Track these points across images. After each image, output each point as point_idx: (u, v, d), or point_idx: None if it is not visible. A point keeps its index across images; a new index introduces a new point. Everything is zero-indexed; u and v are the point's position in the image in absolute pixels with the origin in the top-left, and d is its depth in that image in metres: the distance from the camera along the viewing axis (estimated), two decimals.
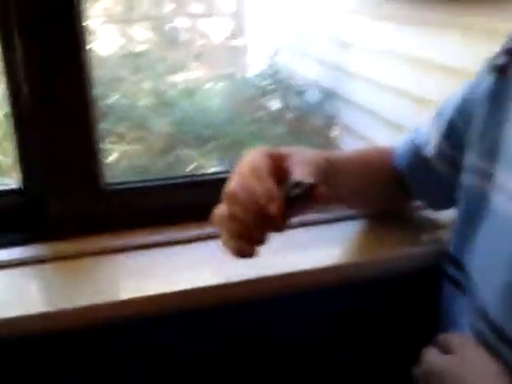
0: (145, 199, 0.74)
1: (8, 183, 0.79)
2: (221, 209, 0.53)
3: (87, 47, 0.67)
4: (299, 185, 0.52)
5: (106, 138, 2.34)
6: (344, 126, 2.60)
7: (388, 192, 0.75)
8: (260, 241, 0.52)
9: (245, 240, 0.52)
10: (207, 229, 0.72)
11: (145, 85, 2.62)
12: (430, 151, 0.68)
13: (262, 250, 0.52)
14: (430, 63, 1.74)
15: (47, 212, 0.71)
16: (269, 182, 0.52)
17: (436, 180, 0.69)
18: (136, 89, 2.60)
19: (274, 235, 0.52)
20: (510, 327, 0.51)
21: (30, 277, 0.65)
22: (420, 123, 0.73)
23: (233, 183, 0.53)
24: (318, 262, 0.68)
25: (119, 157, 2.32)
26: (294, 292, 0.67)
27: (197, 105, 2.60)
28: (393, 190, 0.74)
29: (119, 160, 2.35)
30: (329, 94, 2.67)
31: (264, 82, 2.92)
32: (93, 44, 2.70)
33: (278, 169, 0.54)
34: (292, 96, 2.82)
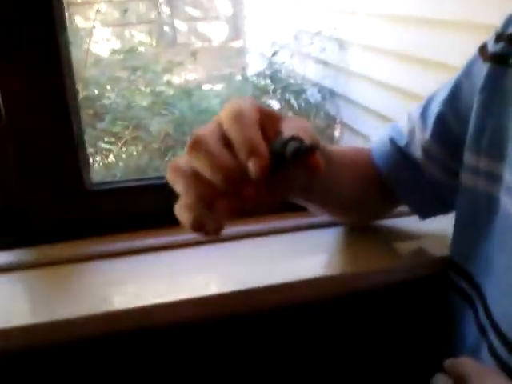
0: (135, 200, 0.69)
1: None
2: (182, 160, 0.40)
3: (64, 31, 0.62)
4: (294, 141, 0.38)
5: (103, 139, 2.31)
6: (345, 126, 2.56)
7: (373, 195, 0.65)
8: (228, 213, 0.38)
9: (204, 207, 0.38)
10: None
11: (142, 85, 2.58)
12: (416, 152, 0.61)
13: (260, 256, 0.46)
14: (433, 61, 1.70)
15: (29, 215, 0.66)
16: (253, 131, 0.39)
17: (425, 183, 0.61)
18: (133, 89, 2.56)
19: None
20: None
21: (12, 285, 0.60)
22: (397, 121, 0.65)
23: (203, 129, 0.40)
24: (317, 272, 0.61)
25: (116, 157, 2.28)
26: (293, 303, 0.61)
27: (195, 105, 2.56)
28: (377, 194, 0.65)
29: (116, 161, 2.31)
30: (329, 94, 2.63)
31: (263, 83, 2.88)
32: (90, 45, 2.67)
33: (268, 128, 0.41)
34: (292, 96, 2.78)
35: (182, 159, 0.40)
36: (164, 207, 0.68)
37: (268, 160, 0.37)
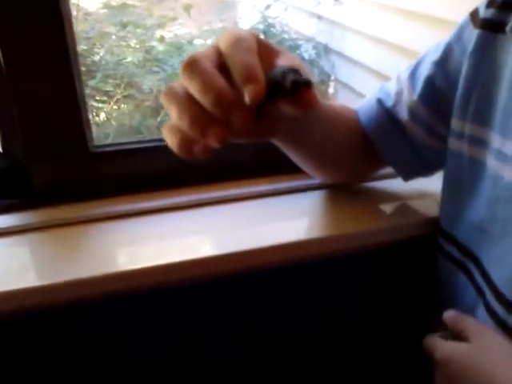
0: (136, 162, 0.68)
1: None
2: (177, 84, 0.40)
3: None
4: (293, 72, 0.38)
5: (94, 97, 2.26)
6: (340, 83, 2.53)
7: (357, 154, 0.65)
8: (218, 140, 0.38)
9: (196, 132, 0.38)
10: (204, 194, 0.67)
11: (132, 40, 2.51)
12: (403, 113, 0.61)
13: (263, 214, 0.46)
14: (433, 18, 1.66)
15: (31, 177, 0.65)
16: (252, 56, 0.38)
17: (410, 144, 0.62)
18: (123, 44, 2.49)
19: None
20: None
21: (18, 247, 0.60)
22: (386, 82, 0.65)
23: (200, 51, 0.40)
24: (308, 234, 0.62)
25: (108, 116, 2.24)
26: (288, 264, 0.62)
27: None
28: (361, 154, 0.65)
29: (108, 120, 2.27)
30: (324, 50, 2.58)
31: None
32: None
33: (264, 59, 0.40)
34: None
35: (178, 83, 0.39)
36: (166, 169, 0.69)
37: (264, 86, 0.37)
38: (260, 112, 0.39)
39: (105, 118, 2.26)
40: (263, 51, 0.41)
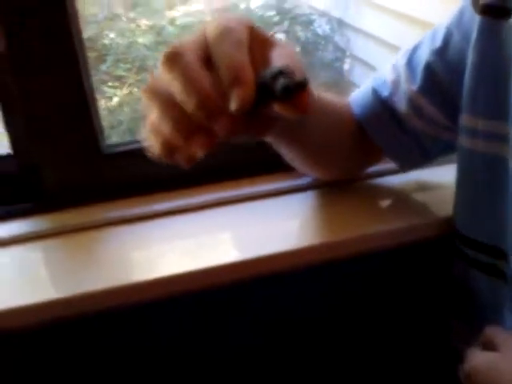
0: (152, 163, 0.66)
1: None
2: (160, 81, 0.35)
3: None
4: (285, 75, 0.33)
5: (106, 83, 2.23)
6: (355, 58, 2.47)
7: (352, 148, 0.62)
8: (204, 148, 0.34)
9: (178, 138, 0.34)
10: (223, 193, 0.65)
11: (142, 22, 2.47)
12: (401, 103, 0.57)
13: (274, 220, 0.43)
14: None
15: (43, 180, 0.63)
16: (241, 53, 0.34)
17: (409, 134, 0.59)
18: (133, 26, 2.45)
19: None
20: None
21: (32, 255, 0.59)
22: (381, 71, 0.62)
23: (183, 40, 0.35)
24: (314, 239, 0.58)
25: (120, 102, 2.22)
26: (302, 269, 0.60)
27: None
28: (357, 146, 0.62)
29: (120, 105, 2.24)
30: (338, 24, 2.51)
31: (268, 13, 2.75)
32: None
33: (256, 51, 0.35)
34: (299, 27, 2.66)
35: (161, 78, 0.34)
36: (181, 170, 0.66)
37: (253, 91, 0.32)
38: (250, 114, 0.34)
39: (117, 104, 2.23)
40: (256, 43, 0.36)
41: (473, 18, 0.51)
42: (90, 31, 2.32)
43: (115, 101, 2.20)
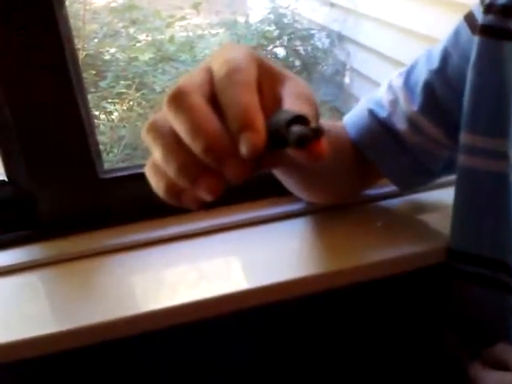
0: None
1: None
2: (163, 118, 0.32)
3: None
4: (302, 122, 0.31)
5: (106, 99, 2.23)
6: (356, 72, 2.46)
7: (349, 170, 0.61)
8: (212, 192, 0.31)
9: (184, 181, 0.32)
10: (226, 218, 0.63)
11: (142, 38, 2.47)
12: (401, 123, 0.57)
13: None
14: (447, 2, 1.60)
15: (39, 207, 0.62)
16: (251, 95, 0.31)
17: (409, 155, 0.58)
18: (133, 43, 2.45)
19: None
20: None
21: (28, 286, 0.57)
22: (373, 91, 0.61)
23: (188, 77, 0.33)
24: (313, 269, 0.57)
25: (121, 118, 2.21)
26: (307, 296, 0.58)
27: (198, 57, 2.46)
28: (354, 169, 0.61)
29: (121, 120, 2.24)
30: (338, 38, 2.51)
31: (268, 28, 2.75)
32: None
33: (265, 88, 0.34)
34: (298, 42, 2.65)
35: (164, 117, 0.32)
36: None
37: (265, 137, 0.30)
38: (258, 162, 0.31)
39: (118, 120, 2.23)
40: (265, 78, 0.34)
41: (470, 39, 0.52)
42: (90, 49, 2.33)
43: (116, 116, 2.19)
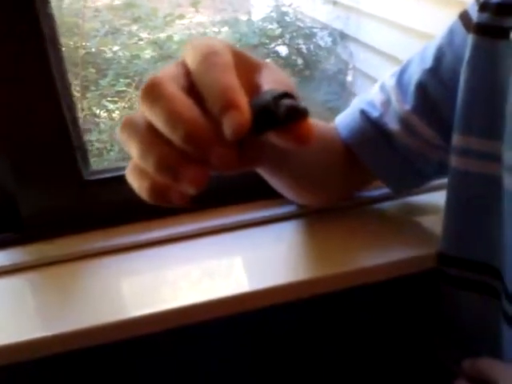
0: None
1: None
2: (138, 114, 0.32)
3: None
4: (288, 98, 0.29)
5: (107, 97, 2.21)
6: (358, 71, 2.44)
7: (341, 172, 0.60)
8: (197, 182, 0.29)
9: (166, 175, 0.30)
10: (214, 220, 0.62)
11: (143, 37, 2.46)
12: (393, 124, 0.56)
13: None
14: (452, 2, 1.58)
15: (20, 209, 0.60)
16: (230, 75, 0.30)
17: (402, 155, 0.57)
18: (133, 41, 2.44)
19: None
20: None
21: (12, 290, 0.56)
22: (364, 92, 0.61)
23: (162, 71, 0.32)
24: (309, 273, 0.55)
25: (120, 116, 2.20)
26: (293, 301, 0.56)
27: None
28: (346, 171, 0.60)
29: (121, 119, 2.22)
30: (340, 37, 2.49)
31: (270, 27, 2.73)
32: None
33: (242, 77, 0.31)
34: (301, 40, 2.64)
35: (139, 114, 0.31)
36: None
37: (249, 115, 0.28)
38: (243, 145, 0.30)
39: (118, 118, 2.21)
40: (241, 67, 0.32)
41: (465, 38, 0.51)
42: (91, 46, 2.32)
43: (116, 115, 2.18)
